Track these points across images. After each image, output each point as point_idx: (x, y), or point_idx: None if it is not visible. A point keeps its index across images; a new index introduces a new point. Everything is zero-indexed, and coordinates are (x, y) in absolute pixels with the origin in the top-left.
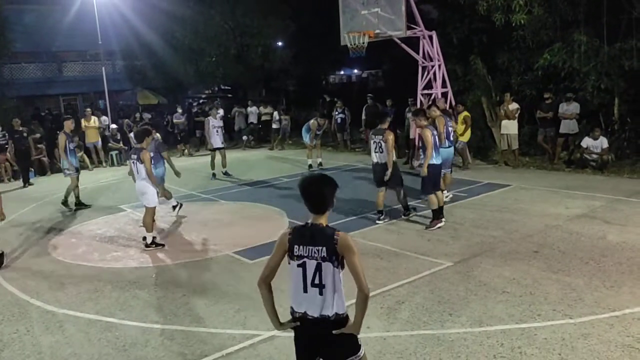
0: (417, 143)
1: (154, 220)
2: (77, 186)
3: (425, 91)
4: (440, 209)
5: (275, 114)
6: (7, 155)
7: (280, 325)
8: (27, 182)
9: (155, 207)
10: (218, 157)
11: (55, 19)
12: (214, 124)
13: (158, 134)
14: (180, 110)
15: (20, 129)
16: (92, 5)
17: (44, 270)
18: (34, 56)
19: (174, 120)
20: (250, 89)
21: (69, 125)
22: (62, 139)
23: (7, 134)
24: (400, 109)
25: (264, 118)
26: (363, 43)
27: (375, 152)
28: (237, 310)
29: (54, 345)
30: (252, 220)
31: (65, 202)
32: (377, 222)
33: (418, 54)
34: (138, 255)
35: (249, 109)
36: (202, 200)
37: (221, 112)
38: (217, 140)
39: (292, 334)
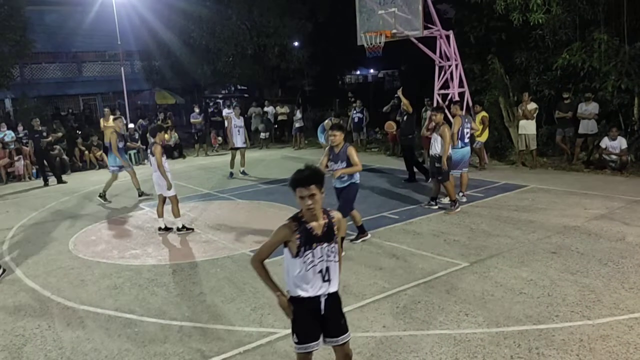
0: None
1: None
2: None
3: (442, 91)
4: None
5: (298, 112)
6: (29, 154)
7: None
8: (47, 181)
9: (176, 194)
10: (238, 156)
11: (75, 20)
12: (236, 123)
13: None
14: (197, 110)
15: (40, 128)
16: (111, 7)
17: (64, 267)
18: (55, 56)
19: (192, 120)
20: (266, 89)
21: (118, 124)
22: (113, 137)
23: (27, 133)
24: (417, 108)
25: (280, 118)
26: (380, 43)
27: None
28: (254, 308)
29: (75, 340)
30: (268, 220)
31: (103, 196)
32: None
33: (435, 53)
34: (156, 253)
35: (265, 108)
36: (219, 199)
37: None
38: (238, 139)
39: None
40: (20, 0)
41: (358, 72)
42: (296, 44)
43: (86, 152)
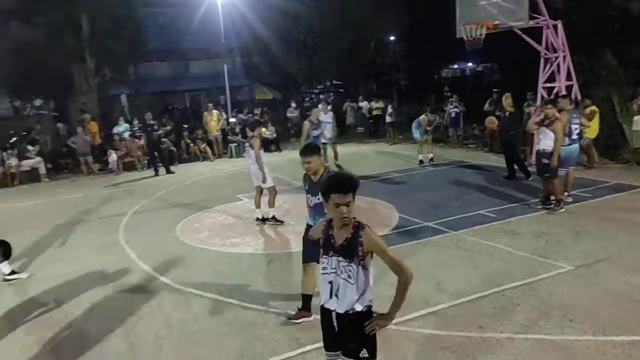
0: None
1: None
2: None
3: (548, 84)
4: None
5: (389, 108)
6: (141, 145)
7: None
8: (157, 172)
9: (274, 186)
10: (329, 150)
11: (183, 19)
12: (322, 119)
13: None
14: (294, 105)
15: (151, 122)
16: (216, 6)
17: (172, 251)
18: (165, 55)
19: (288, 115)
20: (361, 84)
21: (315, 114)
22: (306, 125)
23: (141, 127)
24: (519, 103)
25: (374, 112)
26: (480, 35)
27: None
28: None
29: (182, 321)
30: (361, 213)
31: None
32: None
33: (540, 44)
34: (254, 243)
35: (360, 103)
36: None
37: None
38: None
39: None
40: (136, 2)
41: (455, 66)
42: (392, 38)
43: (191, 144)
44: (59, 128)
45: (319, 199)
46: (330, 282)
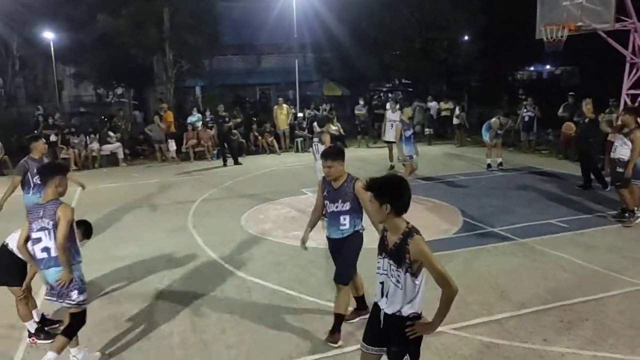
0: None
1: None
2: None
3: (632, 91)
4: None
5: (457, 109)
6: (212, 136)
7: None
8: (226, 162)
9: None
10: (395, 150)
11: (258, 14)
12: (390, 117)
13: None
14: (362, 102)
15: (223, 114)
16: (290, 2)
17: (237, 240)
18: (239, 49)
19: (356, 112)
20: (431, 83)
21: (407, 114)
22: (398, 127)
23: (212, 118)
24: (601, 109)
25: (443, 113)
26: (561, 36)
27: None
28: None
29: (243, 307)
30: (424, 215)
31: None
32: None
33: (626, 49)
34: (316, 237)
35: (429, 103)
36: None
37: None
38: (389, 134)
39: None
40: None
41: (532, 68)
42: (466, 37)
43: (259, 137)
44: (135, 116)
45: (336, 207)
46: (382, 283)
